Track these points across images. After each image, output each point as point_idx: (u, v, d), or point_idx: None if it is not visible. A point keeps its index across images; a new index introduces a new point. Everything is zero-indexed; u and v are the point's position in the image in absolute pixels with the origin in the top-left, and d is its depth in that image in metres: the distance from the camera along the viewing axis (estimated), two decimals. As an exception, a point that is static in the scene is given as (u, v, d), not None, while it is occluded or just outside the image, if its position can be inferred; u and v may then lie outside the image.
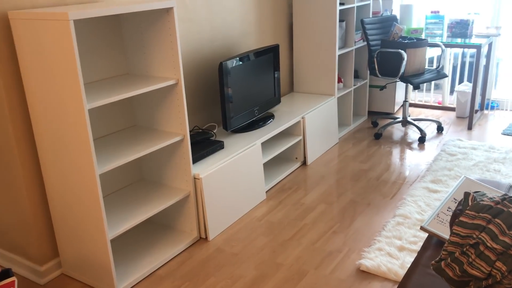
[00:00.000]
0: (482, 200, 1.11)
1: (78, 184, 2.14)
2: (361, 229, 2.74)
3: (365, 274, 2.35)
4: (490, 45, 4.50)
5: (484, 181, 1.95)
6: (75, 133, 2.04)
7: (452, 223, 1.17)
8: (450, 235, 1.12)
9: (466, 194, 1.14)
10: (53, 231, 2.39)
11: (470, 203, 1.12)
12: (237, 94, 3.10)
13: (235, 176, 2.85)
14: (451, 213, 1.63)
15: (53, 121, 2.09)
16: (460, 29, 4.36)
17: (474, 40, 4.17)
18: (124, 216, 2.35)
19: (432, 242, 1.55)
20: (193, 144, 2.88)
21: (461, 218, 1.10)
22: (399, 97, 4.82)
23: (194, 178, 2.61)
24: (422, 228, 1.55)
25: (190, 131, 3.06)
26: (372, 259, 2.41)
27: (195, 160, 2.73)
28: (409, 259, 2.40)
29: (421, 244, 2.51)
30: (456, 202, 1.69)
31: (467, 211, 1.10)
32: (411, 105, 5.05)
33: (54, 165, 2.19)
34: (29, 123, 2.21)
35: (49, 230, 2.37)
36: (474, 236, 1.08)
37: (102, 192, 2.54)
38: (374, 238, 2.63)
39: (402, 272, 2.29)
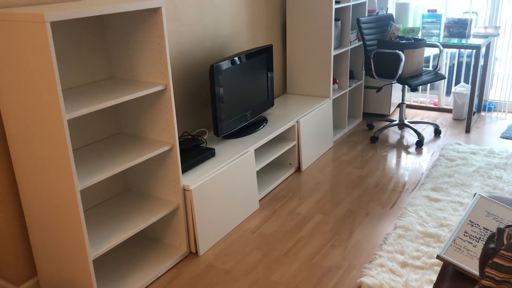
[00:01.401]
0: (519, 239, 0.96)
1: (57, 200, 1.96)
2: (360, 242, 2.59)
3: (367, 293, 2.20)
4: (488, 45, 4.37)
5: (497, 199, 1.81)
6: (53, 145, 1.85)
7: (483, 263, 1.03)
8: (483, 278, 0.97)
9: (500, 231, 1.00)
10: (31, 249, 2.21)
11: (505, 242, 0.98)
12: (229, 97, 2.93)
13: (227, 186, 2.68)
14: (468, 238, 1.49)
15: (29, 132, 1.90)
16: (458, 28, 4.23)
17: (472, 41, 4.04)
18: (108, 232, 2.17)
19: (449, 272, 1.41)
20: (182, 151, 2.71)
21: (496, 260, 0.96)
22: (395, 98, 4.69)
23: (184, 189, 2.43)
24: (438, 257, 1.40)
25: (179, 138, 2.88)
26: (374, 277, 2.27)
27: (184, 170, 2.56)
28: (413, 276, 2.26)
29: (424, 259, 2.37)
30: (472, 225, 1.55)
31: (502, 252, 0.96)
32: (407, 106, 4.91)
33: (31, 179, 2.00)
34: (2, 134, 2.01)
35: (27, 248, 2.19)
36: (512, 282, 0.93)
37: (83, 207, 2.36)
38: (375, 253, 2.49)
39: (406, 292, 2.15)
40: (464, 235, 1.50)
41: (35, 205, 2.05)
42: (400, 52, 3.64)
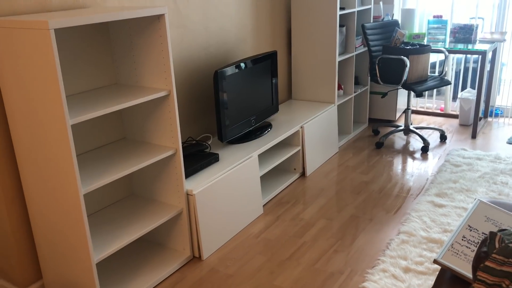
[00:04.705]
0: (511, 242, 0.97)
1: (61, 204, 1.99)
2: (363, 247, 2.59)
3: (368, 298, 2.20)
4: (494, 50, 4.36)
5: (499, 204, 1.80)
6: (57, 150, 1.88)
7: (475, 266, 1.03)
8: (475, 282, 0.98)
9: (492, 235, 1.00)
10: (36, 253, 2.24)
11: (497, 245, 0.98)
12: (233, 103, 2.96)
13: (231, 191, 2.70)
14: (466, 243, 1.49)
15: (33, 137, 1.94)
16: (464, 34, 4.22)
17: (478, 46, 4.03)
18: (111, 236, 2.19)
19: (447, 277, 1.41)
20: (186, 156, 2.73)
21: (487, 263, 0.96)
22: (401, 103, 4.68)
23: (187, 194, 2.45)
24: (436, 262, 1.41)
25: (183, 143, 2.91)
26: (376, 282, 2.27)
27: (188, 174, 2.58)
28: (416, 281, 2.25)
29: (427, 265, 2.37)
30: (471, 230, 1.55)
31: (494, 255, 0.96)
32: (413, 111, 4.91)
33: (36, 184, 2.03)
34: (8, 139, 2.05)
35: (32, 251, 2.22)
36: (504, 285, 0.93)
37: (87, 211, 2.39)
38: (377, 258, 2.49)
39: (408, 297, 2.15)
40: (462, 239, 1.50)
41: (40, 209, 2.08)
42: (405, 58, 3.64)
